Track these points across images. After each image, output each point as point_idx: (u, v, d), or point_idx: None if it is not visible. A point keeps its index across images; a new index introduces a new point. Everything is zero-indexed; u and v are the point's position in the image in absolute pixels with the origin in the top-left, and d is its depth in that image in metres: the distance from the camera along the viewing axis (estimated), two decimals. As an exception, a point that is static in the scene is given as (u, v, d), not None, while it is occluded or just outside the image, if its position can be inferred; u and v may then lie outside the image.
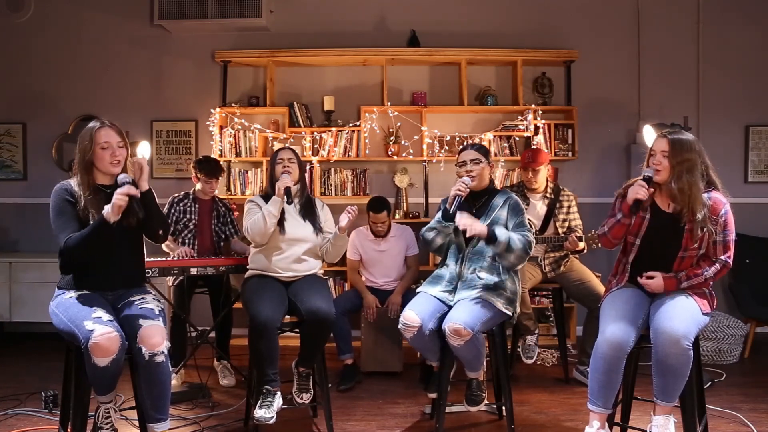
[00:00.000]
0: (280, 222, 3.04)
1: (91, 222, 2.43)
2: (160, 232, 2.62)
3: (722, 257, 2.52)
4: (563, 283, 3.84)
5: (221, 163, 4.22)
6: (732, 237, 2.51)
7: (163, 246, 3.95)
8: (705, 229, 2.47)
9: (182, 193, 4.04)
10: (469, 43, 4.97)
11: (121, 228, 2.46)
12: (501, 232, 2.80)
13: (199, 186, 3.99)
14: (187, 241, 3.93)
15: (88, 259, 2.49)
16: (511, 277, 2.93)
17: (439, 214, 2.96)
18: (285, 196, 2.96)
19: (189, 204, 3.98)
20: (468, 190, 2.91)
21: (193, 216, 3.96)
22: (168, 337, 2.51)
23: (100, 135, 2.49)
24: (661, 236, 2.57)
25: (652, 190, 2.54)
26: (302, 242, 3.07)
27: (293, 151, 3.21)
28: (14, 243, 5.18)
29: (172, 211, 3.95)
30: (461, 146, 3.16)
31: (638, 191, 2.50)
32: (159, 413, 2.43)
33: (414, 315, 2.76)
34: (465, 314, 2.68)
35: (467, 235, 2.80)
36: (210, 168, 3.96)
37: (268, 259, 3.05)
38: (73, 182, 2.54)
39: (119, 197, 2.35)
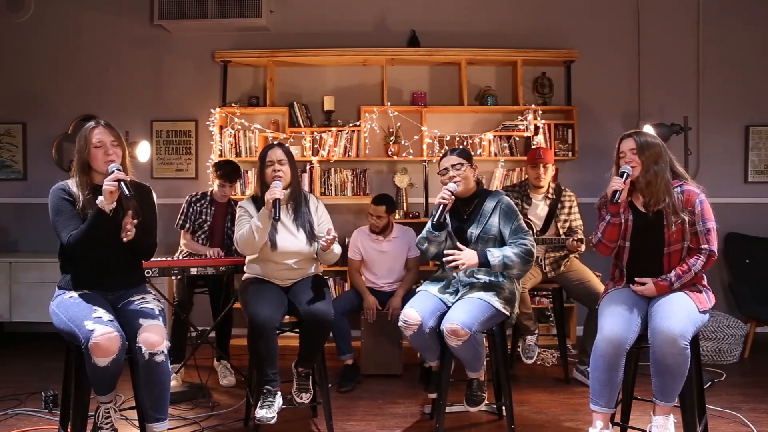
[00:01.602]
0: (272, 233, 2.93)
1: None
2: (145, 258, 2.74)
3: (705, 246, 2.54)
4: (563, 283, 3.84)
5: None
6: (712, 225, 2.55)
7: (182, 243, 3.99)
8: (680, 220, 2.52)
9: (200, 192, 4.07)
10: (469, 43, 4.97)
11: (119, 228, 2.46)
12: (493, 256, 2.79)
13: (215, 187, 4.01)
14: (200, 240, 3.98)
15: (92, 254, 2.49)
16: (509, 278, 2.93)
17: (429, 224, 2.91)
18: (273, 210, 2.78)
19: (206, 205, 4.00)
20: (453, 197, 2.87)
21: (207, 217, 3.98)
22: (168, 336, 2.51)
23: (94, 134, 2.50)
24: (645, 235, 2.62)
25: (630, 180, 2.59)
26: (294, 255, 2.99)
27: (283, 148, 3.02)
28: (14, 243, 5.18)
29: (190, 210, 3.98)
30: (442, 153, 3.05)
31: (613, 183, 2.58)
32: (158, 413, 2.43)
33: (414, 312, 2.76)
34: (463, 314, 2.68)
35: (459, 270, 2.81)
36: (225, 172, 3.98)
37: (262, 269, 3.03)
38: (71, 182, 2.54)
39: (108, 183, 2.36)
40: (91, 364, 2.28)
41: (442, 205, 2.83)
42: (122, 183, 2.39)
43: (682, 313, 2.43)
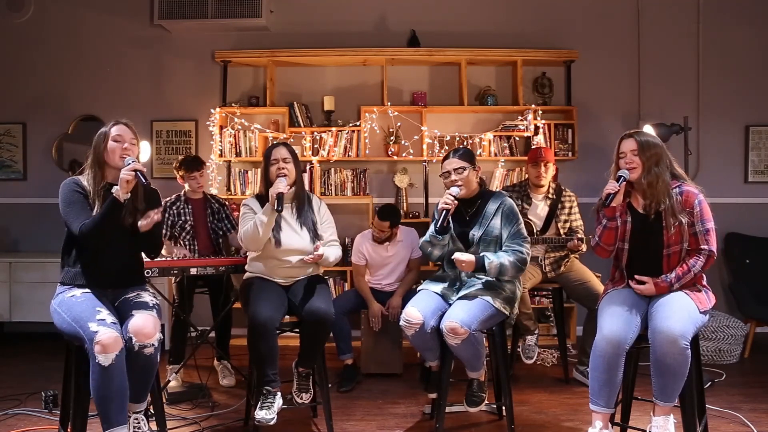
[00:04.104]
0: (276, 231, 2.95)
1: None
2: (152, 255, 2.78)
3: (705, 247, 2.54)
4: (563, 283, 3.84)
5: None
6: (711, 225, 2.55)
7: (162, 252, 3.97)
8: (678, 222, 2.52)
9: (174, 196, 3.98)
10: (469, 43, 4.97)
11: (121, 227, 2.48)
12: (490, 262, 2.78)
13: (186, 186, 3.98)
14: (186, 243, 3.91)
15: (100, 248, 2.50)
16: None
17: (432, 228, 2.90)
18: (276, 203, 2.81)
19: (181, 206, 3.94)
20: (455, 202, 2.85)
21: (187, 217, 3.92)
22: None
23: (115, 129, 2.57)
24: (644, 237, 2.62)
25: (624, 183, 2.59)
26: (298, 253, 3.00)
27: (288, 148, 3.04)
28: (14, 243, 5.18)
29: (167, 215, 3.89)
30: (444, 155, 3.01)
31: (608, 186, 2.59)
32: (139, 395, 2.47)
33: (416, 312, 2.77)
34: (462, 312, 2.69)
35: (460, 271, 2.86)
36: (188, 162, 3.94)
37: (265, 267, 3.03)
38: (83, 178, 2.57)
39: (126, 173, 2.42)
40: (95, 364, 2.27)
41: (444, 211, 2.83)
42: (139, 173, 2.44)
43: (682, 313, 2.43)
